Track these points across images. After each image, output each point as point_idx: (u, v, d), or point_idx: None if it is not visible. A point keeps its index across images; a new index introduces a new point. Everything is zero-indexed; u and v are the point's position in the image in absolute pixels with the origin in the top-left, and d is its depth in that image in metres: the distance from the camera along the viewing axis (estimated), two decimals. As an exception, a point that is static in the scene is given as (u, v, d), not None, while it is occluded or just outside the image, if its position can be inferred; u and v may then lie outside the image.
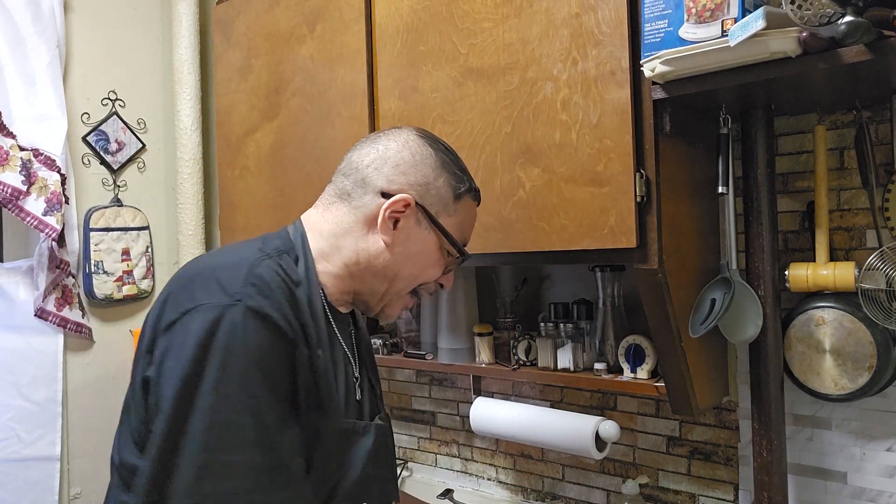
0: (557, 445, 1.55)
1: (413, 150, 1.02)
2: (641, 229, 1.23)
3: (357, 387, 1.02)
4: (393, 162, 1.01)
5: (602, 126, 1.25)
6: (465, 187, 1.04)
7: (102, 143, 2.34)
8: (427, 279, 1.04)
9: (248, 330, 0.84)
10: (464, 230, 1.06)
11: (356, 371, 1.04)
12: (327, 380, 0.93)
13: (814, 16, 1.00)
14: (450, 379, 1.99)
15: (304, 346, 0.89)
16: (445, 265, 1.04)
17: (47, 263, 2.09)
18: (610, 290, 1.55)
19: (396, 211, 0.99)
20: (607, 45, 1.24)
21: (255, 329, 0.84)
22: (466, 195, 1.05)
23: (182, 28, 2.39)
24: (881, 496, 1.33)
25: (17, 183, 2.02)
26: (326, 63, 1.72)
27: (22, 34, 2.08)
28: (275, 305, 0.87)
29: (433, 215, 1.01)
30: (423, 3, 1.52)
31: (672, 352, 1.31)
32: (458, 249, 1.03)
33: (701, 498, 1.56)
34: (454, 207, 1.03)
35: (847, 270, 1.27)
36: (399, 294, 1.04)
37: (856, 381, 1.29)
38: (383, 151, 1.02)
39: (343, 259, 1.01)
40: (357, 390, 1.02)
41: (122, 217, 2.34)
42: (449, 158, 1.04)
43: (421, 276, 1.03)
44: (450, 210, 1.03)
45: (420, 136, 1.04)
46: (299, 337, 0.89)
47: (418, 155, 1.02)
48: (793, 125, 1.40)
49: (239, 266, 0.90)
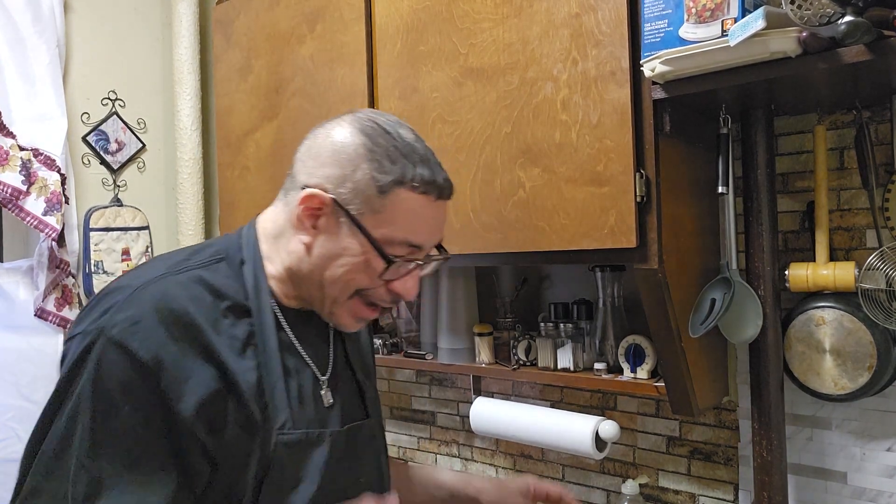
0: (557, 445, 1.55)
1: (336, 138, 0.89)
2: (641, 229, 1.23)
3: (325, 393, 0.95)
4: (315, 152, 0.91)
5: (602, 126, 1.25)
6: (394, 178, 0.86)
7: (102, 143, 2.34)
8: (361, 286, 0.90)
9: (108, 362, 0.79)
10: (411, 228, 0.89)
11: (325, 375, 0.97)
12: (260, 394, 0.86)
13: (814, 16, 1.00)
14: (450, 379, 1.99)
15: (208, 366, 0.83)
16: (383, 270, 0.89)
17: (47, 263, 2.09)
18: (610, 290, 1.55)
19: (312, 208, 0.88)
20: (607, 45, 1.24)
21: (116, 361, 0.79)
22: (398, 187, 0.87)
23: (182, 28, 2.38)
24: (881, 496, 1.33)
25: (17, 183, 2.01)
26: (326, 63, 1.72)
27: (22, 34, 2.08)
28: (143, 336, 0.80)
29: (352, 213, 0.87)
30: (423, 3, 1.52)
31: (672, 352, 1.31)
32: (381, 255, 0.87)
33: (701, 498, 1.56)
34: (381, 203, 0.87)
35: (847, 270, 1.27)
36: (337, 302, 0.92)
37: (856, 381, 1.28)
38: (311, 140, 0.92)
39: (282, 262, 0.93)
40: (325, 397, 0.95)
41: (121, 217, 2.34)
42: (382, 144, 0.88)
43: (351, 282, 0.89)
44: (375, 206, 0.87)
45: (354, 120, 0.90)
46: (183, 363, 0.81)
47: (339, 143, 0.89)
48: (793, 125, 1.40)
49: (127, 289, 0.85)
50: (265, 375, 0.87)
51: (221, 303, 0.88)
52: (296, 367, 0.93)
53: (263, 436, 0.86)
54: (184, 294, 0.85)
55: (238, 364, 0.86)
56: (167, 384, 0.80)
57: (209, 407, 0.82)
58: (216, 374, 0.83)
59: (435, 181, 0.89)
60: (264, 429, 0.86)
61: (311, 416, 0.92)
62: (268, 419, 0.87)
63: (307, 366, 0.95)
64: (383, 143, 0.88)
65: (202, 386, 0.82)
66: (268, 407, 0.87)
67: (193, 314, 0.84)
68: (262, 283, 0.92)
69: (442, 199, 0.92)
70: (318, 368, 0.96)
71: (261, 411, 0.86)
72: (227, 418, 0.84)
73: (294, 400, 0.90)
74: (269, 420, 0.87)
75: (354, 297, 0.91)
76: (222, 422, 0.83)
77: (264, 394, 0.87)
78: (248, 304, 0.90)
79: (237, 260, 0.93)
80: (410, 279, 0.92)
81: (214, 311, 0.87)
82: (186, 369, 0.81)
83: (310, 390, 0.93)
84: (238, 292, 0.90)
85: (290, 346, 0.93)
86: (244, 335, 0.88)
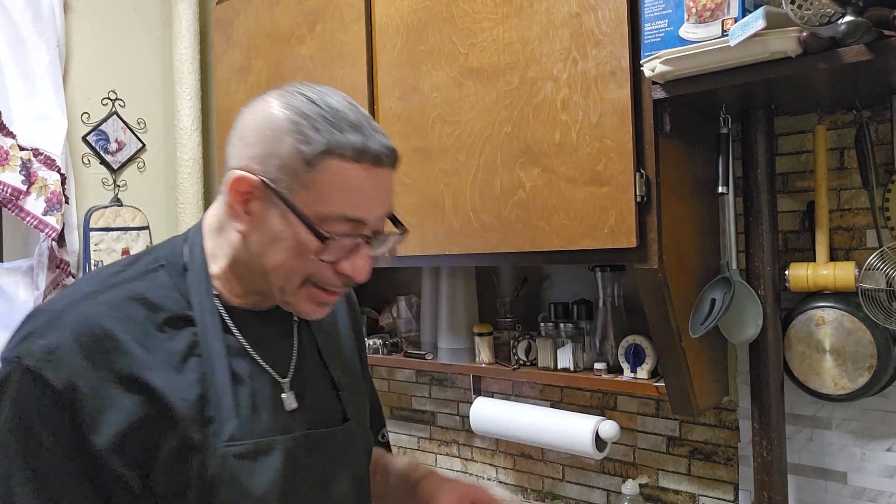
0: (557, 445, 1.55)
1: (259, 115, 0.83)
2: (641, 229, 1.23)
3: (287, 396, 0.89)
4: (241, 133, 0.84)
5: (602, 126, 1.25)
6: (321, 148, 0.79)
7: (102, 143, 2.34)
8: (307, 271, 0.83)
9: (24, 393, 0.76)
10: (346, 201, 0.81)
11: (286, 377, 0.91)
12: (202, 408, 0.81)
13: (814, 16, 1.00)
14: (450, 379, 1.99)
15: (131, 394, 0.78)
16: (319, 249, 0.82)
17: (47, 263, 2.09)
18: (610, 290, 1.55)
19: (242, 193, 0.82)
20: (607, 44, 1.24)
21: (31, 392, 0.76)
22: (326, 158, 0.79)
23: (182, 28, 2.39)
24: (881, 496, 1.33)
25: (17, 183, 2.02)
26: (326, 63, 1.72)
27: (22, 34, 2.08)
28: (58, 365, 0.76)
29: (282, 192, 0.80)
30: (423, 3, 1.52)
31: (672, 352, 1.31)
32: (314, 233, 0.80)
33: (701, 498, 1.56)
34: (310, 178, 0.79)
35: (847, 270, 1.27)
36: (287, 291, 0.85)
37: (856, 381, 1.28)
38: (239, 120, 0.86)
39: (225, 257, 0.88)
40: (286, 401, 0.89)
41: (121, 217, 2.34)
42: (307, 114, 0.81)
43: (294, 268, 0.83)
44: (304, 182, 0.80)
45: (279, 94, 0.84)
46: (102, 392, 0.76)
47: (262, 118, 0.82)
48: (793, 125, 1.40)
49: (49, 312, 0.80)
50: (211, 387, 0.82)
51: (157, 316, 0.83)
52: (249, 372, 0.87)
53: (206, 454, 0.80)
54: (109, 314, 0.80)
55: (174, 383, 0.81)
56: (85, 415, 0.76)
57: (132, 437, 0.77)
58: (142, 399, 0.78)
59: (368, 148, 0.81)
60: (207, 447, 0.81)
61: (267, 424, 0.85)
62: (215, 434, 0.81)
63: (263, 370, 0.88)
64: (308, 112, 0.81)
65: (123, 415, 0.77)
66: (213, 421, 0.81)
67: (119, 336, 0.79)
68: (205, 286, 0.87)
69: (381, 167, 0.83)
70: (278, 371, 0.90)
71: (200, 428, 0.81)
72: (158, 445, 0.79)
73: (245, 408, 0.84)
74: (217, 435, 0.81)
75: (306, 284, 0.85)
76: (152, 449, 0.79)
77: (207, 407, 0.81)
78: (189, 313, 0.85)
79: (179, 266, 0.88)
80: (359, 259, 0.84)
81: (147, 327, 0.82)
82: (106, 398, 0.77)
83: (267, 395, 0.87)
84: (177, 302, 0.85)
85: (240, 351, 0.87)
86: (185, 347, 0.83)
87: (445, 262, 1.57)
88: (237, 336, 0.88)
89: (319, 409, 0.93)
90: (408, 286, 2.00)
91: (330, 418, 0.94)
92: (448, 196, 1.48)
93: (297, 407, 0.89)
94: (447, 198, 1.48)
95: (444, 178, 1.49)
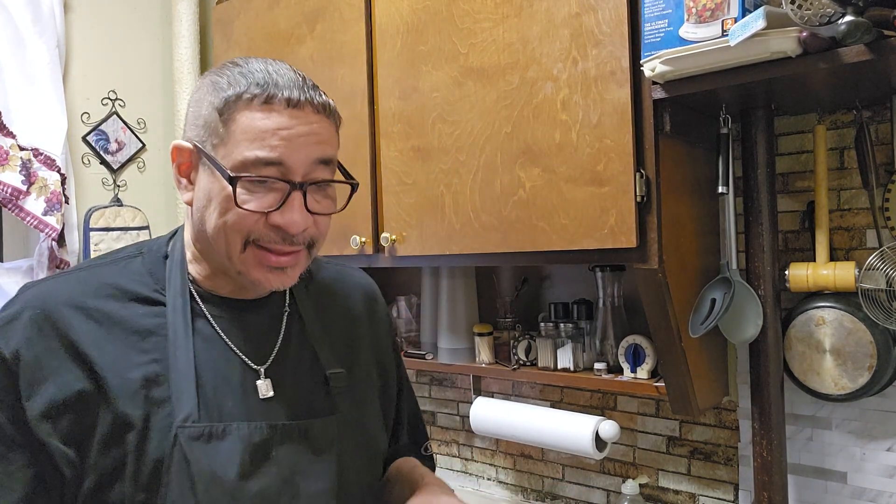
0: (557, 445, 1.55)
1: (196, 89, 0.87)
2: (641, 229, 1.23)
3: (262, 383, 0.88)
4: (185, 112, 0.89)
5: (602, 126, 1.25)
6: (229, 98, 0.80)
7: (102, 143, 2.34)
8: (242, 229, 0.82)
9: None
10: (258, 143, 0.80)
11: (264, 364, 0.89)
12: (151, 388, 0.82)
13: (814, 16, 1.00)
14: (450, 379, 1.99)
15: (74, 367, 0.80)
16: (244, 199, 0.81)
17: (47, 263, 2.09)
18: (610, 290, 1.55)
19: (182, 164, 0.85)
20: (607, 44, 1.24)
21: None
22: (235, 106, 0.80)
23: (182, 28, 2.38)
24: (881, 496, 1.33)
25: (17, 183, 2.01)
26: (326, 63, 1.72)
27: (22, 34, 2.08)
28: (11, 333, 0.80)
29: (206, 150, 0.82)
30: (423, 3, 1.52)
31: (672, 352, 1.31)
32: (225, 177, 0.80)
33: (701, 498, 1.56)
34: (225, 130, 0.81)
35: (847, 270, 1.27)
36: (233, 258, 0.84)
37: (856, 381, 1.28)
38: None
39: (190, 239, 0.90)
40: (261, 387, 0.88)
41: (121, 217, 2.34)
42: (227, 75, 0.83)
43: (231, 228, 0.82)
44: (221, 135, 0.81)
45: (214, 69, 0.87)
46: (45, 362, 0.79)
47: (196, 91, 0.86)
48: (793, 125, 1.40)
49: (20, 290, 0.86)
50: (172, 368, 0.83)
51: (121, 296, 0.85)
52: (218, 357, 0.87)
53: (151, 433, 0.80)
54: (69, 291, 0.84)
55: (123, 361, 0.82)
56: (24, 383, 0.79)
57: (66, 410, 0.79)
58: (82, 374, 0.80)
59: (277, 93, 0.80)
60: (155, 426, 0.80)
61: (232, 410, 0.84)
62: (169, 414, 0.81)
63: (234, 356, 0.88)
64: (228, 73, 0.83)
65: (59, 388, 0.79)
66: (168, 401, 0.81)
67: (71, 312, 0.82)
68: (180, 271, 0.88)
69: (296, 108, 0.81)
70: (254, 358, 0.89)
71: (147, 408, 0.81)
72: (94, 422, 0.79)
73: (208, 391, 0.83)
74: (172, 415, 0.81)
75: (249, 246, 0.83)
76: (88, 426, 0.79)
77: (162, 387, 0.82)
78: (159, 297, 0.86)
79: (160, 254, 0.90)
80: (292, 210, 0.81)
81: (107, 306, 0.84)
82: (46, 369, 0.79)
83: (237, 382, 0.86)
84: (149, 286, 0.87)
85: (211, 336, 0.87)
86: (148, 327, 0.84)
87: (445, 262, 1.57)
88: (210, 321, 0.88)
89: (302, 402, 0.90)
90: (408, 286, 2.00)
91: (314, 412, 0.91)
92: (448, 196, 1.48)
93: (272, 396, 0.88)
94: (447, 198, 1.48)
95: (444, 178, 1.49)
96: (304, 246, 0.86)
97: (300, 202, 0.82)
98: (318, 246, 0.89)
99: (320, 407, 0.92)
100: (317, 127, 0.83)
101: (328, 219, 0.88)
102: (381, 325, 1.09)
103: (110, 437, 0.80)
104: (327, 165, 0.85)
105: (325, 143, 0.84)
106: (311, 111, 0.82)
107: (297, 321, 0.95)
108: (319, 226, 0.87)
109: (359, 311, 1.05)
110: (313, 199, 0.84)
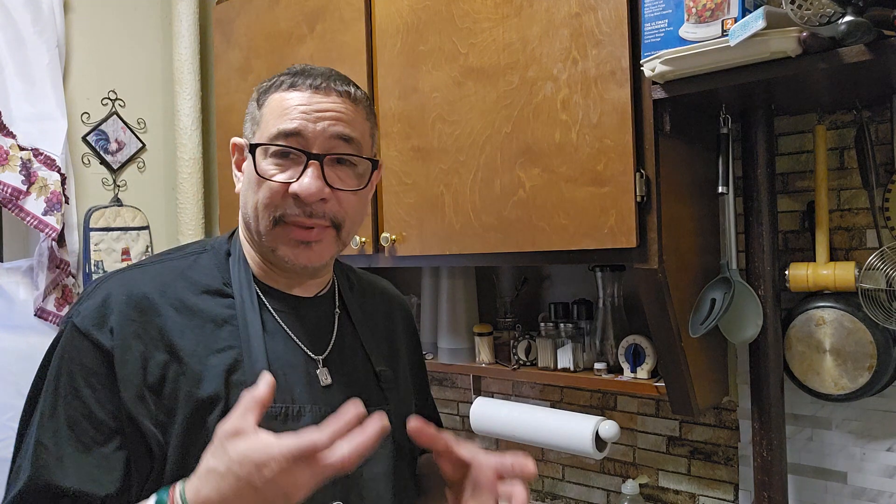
0: (557, 445, 1.55)
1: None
2: (641, 229, 1.23)
3: (321, 371, 0.92)
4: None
5: (602, 126, 1.25)
6: (265, 87, 0.92)
7: (102, 143, 2.34)
8: (270, 202, 0.87)
9: (71, 347, 0.84)
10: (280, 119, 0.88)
11: (322, 354, 0.94)
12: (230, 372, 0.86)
13: (814, 16, 1.00)
14: (450, 379, 1.99)
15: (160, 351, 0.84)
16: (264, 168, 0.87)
17: (47, 263, 2.09)
18: (610, 289, 1.55)
19: (237, 160, 0.95)
20: (607, 44, 1.24)
21: (77, 347, 0.84)
22: (268, 94, 0.91)
23: (182, 28, 2.38)
24: (881, 496, 1.33)
25: (17, 183, 2.01)
26: (326, 63, 1.70)
27: (22, 34, 2.08)
28: (100, 322, 0.84)
29: (249, 139, 0.92)
30: (423, 3, 1.52)
31: (672, 352, 1.31)
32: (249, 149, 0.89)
33: (701, 498, 1.56)
34: (259, 115, 0.91)
35: (847, 270, 1.27)
36: (264, 235, 0.89)
37: (856, 381, 1.28)
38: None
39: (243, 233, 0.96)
40: (320, 376, 0.92)
41: (122, 217, 2.34)
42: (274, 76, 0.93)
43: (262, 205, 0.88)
44: (257, 119, 0.91)
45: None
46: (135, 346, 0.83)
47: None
48: (793, 125, 1.40)
49: (100, 279, 0.90)
50: (246, 354, 0.87)
51: (196, 287, 0.90)
52: (283, 346, 0.91)
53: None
54: (149, 280, 0.88)
55: (204, 347, 0.86)
56: (119, 365, 0.83)
57: (154, 392, 0.83)
58: (170, 359, 0.84)
59: (305, 80, 0.89)
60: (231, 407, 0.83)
61: (301, 394, 0.89)
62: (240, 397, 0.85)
63: (296, 346, 0.93)
64: (283, 75, 0.92)
65: (151, 371, 0.83)
66: (245, 384, 0.83)
67: (154, 299, 0.87)
68: (243, 267, 0.93)
69: (317, 91, 0.89)
70: (313, 348, 0.94)
71: (228, 390, 0.85)
72: (177, 404, 0.83)
73: (279, 377, 0.86)
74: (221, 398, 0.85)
75: (278, 225, 0.88)
76: (172, 407, 0.83)
77: (237, 372, 0.86)
78: (227, 290, 0.91)
79: (222, 251, 0.95)
80: (306, 177, 0.86)
81: (184, 296, 0.88)
82: (138, 352, 0.83)
83: (301, 370, 0.91)
84: (217, 279, 0.92)
85: (275, 327, 0.92)
86: (222, 316, 0.89)
87: (445, 262, 1.57)
88: (272, 313, 0.93)
89: (357, 391, 0.93)
90: (408, 286, 2.00)
91: (369, 402, 0.92)
92: (448, 196, 1.48)
93: (331, 383, 0.93)
94: (447, 198, 1.48)
95: (444, 178, 1.49)
96: (328, 223, 0.89)
97: (316, 171, 0.87)
98: (345, 228, 0.92)
99: (374, 398, 0.97)
100: (339, 107, 0.89)
101: (355, 200, 0.92)
102: (414, 337, 1.15)
103: (193, 419, 0.83)
104: (349, 143, 0.89)
105: (347, 122, 0.89)
106: (335, 95, 0.90)
107: (347, 321, 1.01)
108: (343, 203, 0.90)
109: (397, 320, 1.11)
110: (335, 175, 0.89)
